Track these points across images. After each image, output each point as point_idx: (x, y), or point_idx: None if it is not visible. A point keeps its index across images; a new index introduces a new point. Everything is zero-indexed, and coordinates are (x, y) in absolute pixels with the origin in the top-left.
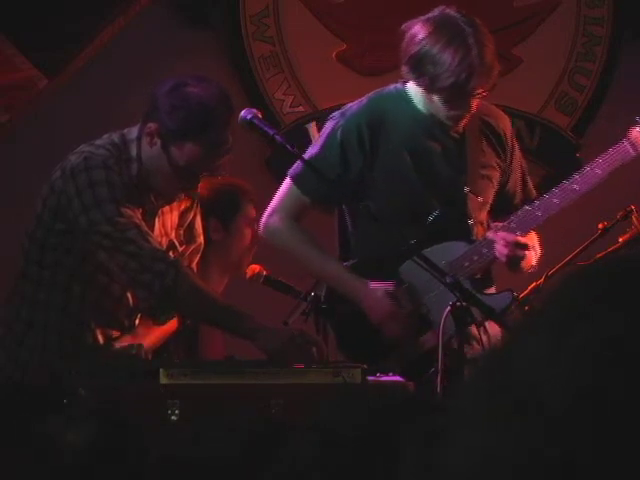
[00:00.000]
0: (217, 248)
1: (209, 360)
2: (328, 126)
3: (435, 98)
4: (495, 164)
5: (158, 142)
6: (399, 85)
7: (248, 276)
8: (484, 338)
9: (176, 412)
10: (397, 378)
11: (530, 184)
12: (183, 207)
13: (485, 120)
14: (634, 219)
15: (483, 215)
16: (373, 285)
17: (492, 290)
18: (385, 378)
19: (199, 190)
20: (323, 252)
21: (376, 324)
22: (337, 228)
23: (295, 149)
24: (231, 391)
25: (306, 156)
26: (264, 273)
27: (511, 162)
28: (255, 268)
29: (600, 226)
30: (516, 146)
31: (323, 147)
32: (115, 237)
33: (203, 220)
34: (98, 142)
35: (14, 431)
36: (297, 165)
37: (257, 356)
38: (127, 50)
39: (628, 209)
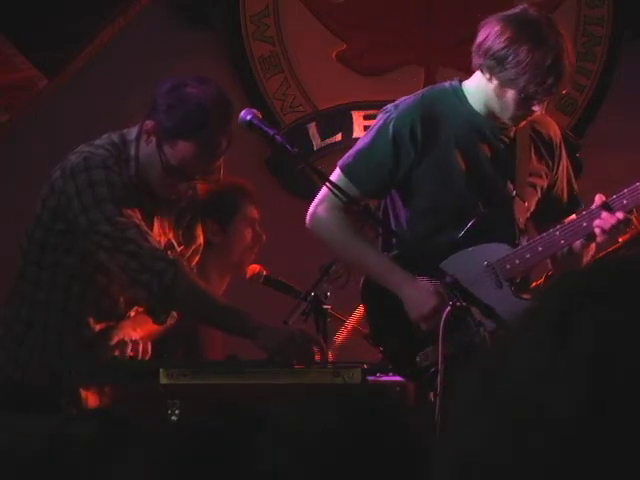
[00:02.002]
0: (216, 250)
1: (209, 360)
2: (380, 119)
3: (509, 94)
4: (543, 173)
5: (154, 140)
6: (454, 82)
7: (248, 276)
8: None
9: (176, 412)
10: (397, 378)
11: (576, 190)
12: (181, 208)
13: (536, 128)
14: (634, 219)
15: (525, 221)
16: (419, 279)
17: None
18: (385, 378)
19: (197, 192)
20: (367, 243)
21: (415, 318)
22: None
23: (295, 149)
24: (231, 391)
25: (357, 148)
26: (264, 273)
27: (557, 169)
28: (255, 268)
29: None
30: (564, 152)
31: (374, 139)
32: (115, 237)
33: (201, 222)
34: (97, 142)
35: (14, 431)
36: (347, 156)
37: (257, 356)
38: (127, 50)
39: None
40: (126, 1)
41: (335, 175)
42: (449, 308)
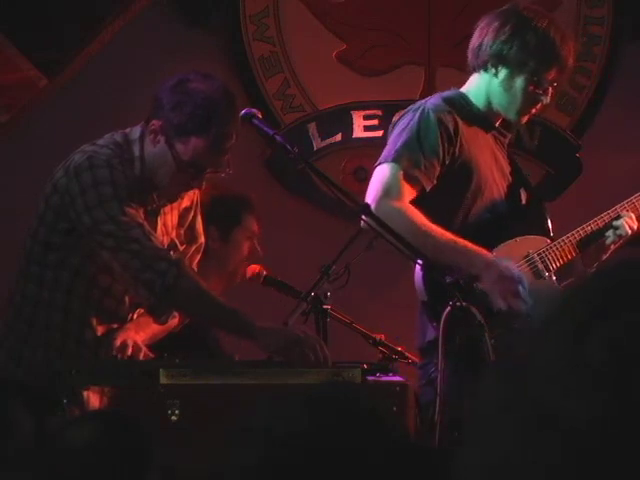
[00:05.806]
0: (214, 256)
1: (209, 360)
2: (413, 114)
3: (519, 83)
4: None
5: (162, 139)
6: (453, 90)
7: (248, 276)
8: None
9: (176, 412)
10: (397, 378)
11: None
12: (183, 207)
13: None
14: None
15: None
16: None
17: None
18: (385, 378)
19: (200, 196)
20: (445, 232)
21: (503, 297)
22: None
23: (295, 149)
24: (231, 391)
25: (399, 141)
26: (264, 273)
27: None
28: (255, 268)
29: None
30: None
31: (418, 128)
32: (118, 236)
33: (204, 227)
34: (101, 142)
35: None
36: (389, 152)
37: (258, 356)
38: (127, 50)
39: None
40: (126, 1)
41: (382, 171)
42: (449, 308)
